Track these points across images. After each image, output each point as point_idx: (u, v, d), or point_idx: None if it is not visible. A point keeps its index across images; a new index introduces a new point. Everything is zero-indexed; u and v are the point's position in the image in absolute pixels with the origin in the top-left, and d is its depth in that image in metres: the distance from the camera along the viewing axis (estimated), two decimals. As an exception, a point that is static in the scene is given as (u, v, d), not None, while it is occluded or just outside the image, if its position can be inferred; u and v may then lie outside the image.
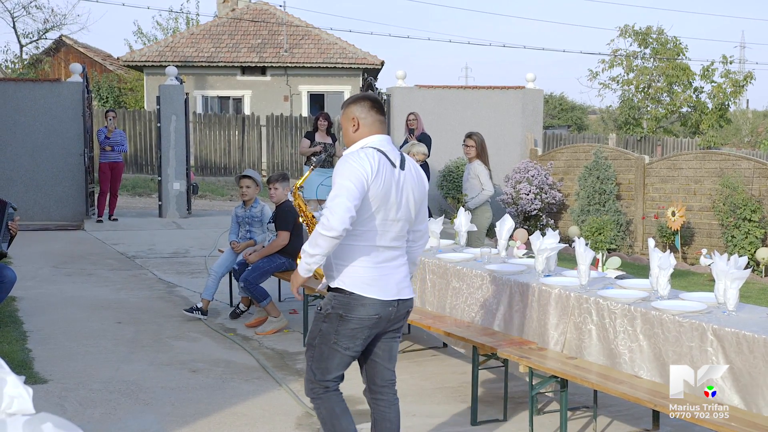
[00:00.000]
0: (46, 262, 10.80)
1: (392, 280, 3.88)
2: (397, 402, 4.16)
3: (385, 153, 3.85)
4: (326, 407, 3.98)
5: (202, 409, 5.41)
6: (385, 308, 3.83)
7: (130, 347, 6.89)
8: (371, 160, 3.76)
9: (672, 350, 4.32)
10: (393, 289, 3.87)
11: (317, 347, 3.92)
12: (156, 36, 35.79)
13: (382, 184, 3.77)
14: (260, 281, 7.56)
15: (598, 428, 5.10)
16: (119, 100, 31.16)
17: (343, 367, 3.96)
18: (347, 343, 3.86)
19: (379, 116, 3.97)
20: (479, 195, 8.93)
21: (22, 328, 7.35)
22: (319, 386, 3.96)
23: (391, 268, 3.88)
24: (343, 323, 3.82)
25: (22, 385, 2.19)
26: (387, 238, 3.85)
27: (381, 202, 3.78)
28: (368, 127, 3.93)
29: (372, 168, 3.74)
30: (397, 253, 3.93)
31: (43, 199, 14.55)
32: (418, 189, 3.99)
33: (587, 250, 5.06)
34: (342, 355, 3.89)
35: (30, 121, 14.54)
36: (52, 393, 5.57)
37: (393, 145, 3.96)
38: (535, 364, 4.85)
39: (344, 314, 3.81)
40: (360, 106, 3.95)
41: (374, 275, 3.82)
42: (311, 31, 27.98)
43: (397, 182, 3.85)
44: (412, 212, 3.96)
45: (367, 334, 3.87)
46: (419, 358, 6.85)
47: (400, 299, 3.90)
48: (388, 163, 3.84)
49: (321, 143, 11.58)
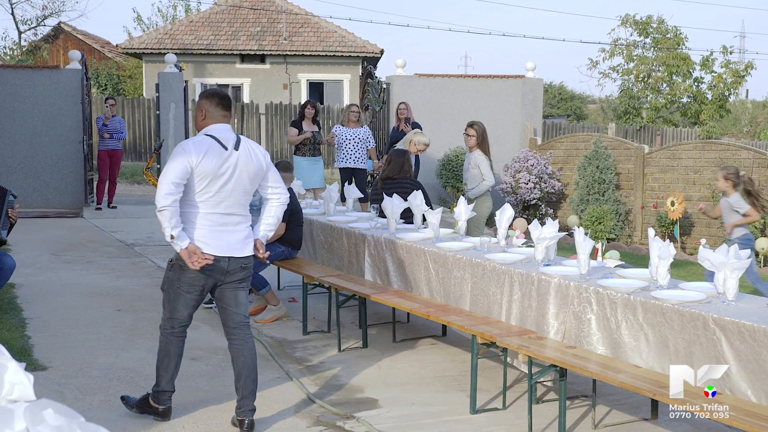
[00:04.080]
0: (45, 249, 10.80)
1: (224, 240, 4.71)
2: (250, 340, 4.96)
3: (217, 138, 4.68)
4: (165, 343, 4.90)
5: (201, 396, 5.42)
6: (216, 262, 4.67)
7: (129, 335, 6.89)
8: (198, 146, 4.62)
9: (681, 338, 4.31)
10: (225, 248, 4.71)
11: (167, 291, 4.87)
12: (155, 23, 35.66)
13: (210, 165, 4.59)
14: (259, 269, 7.55)
15: (597, 417, 5.11)
16: (118, 88, 31.09)
17: (188, 308, 4.84)
18: (187, 288, 4.76)
19: (223, 111, 4.82)
20: (479, 185, 8.90)
21: (22, 315, 7.35)
22: (167, 324, 4.89)
23: (224, 231, 4.72)
24: (182, 272, 4.72)
25: (22, 372, 2.19)
26: (221, 207, 4.70)
27: (211, 179, 4.61)
28: (212, 118, 4.79)
29: (197, 153, 4.57)
30: (234, 219, 4.78)
31: (42, 187, 14.54)
32: (253, 164, 4.80)
33: (587, 240, 5.06)
34: (185, 298, 4.80)
35: (29, 109, 14.51)
36: (51, 380, 5.58)
37: (231, 132, 4.79)
38: (534, 353, 4.85)
39: (183, 265, 4.67)
40: (210, 100, 4.81)
41: (206, 235, 4.66)
42: (311, 19, 27.90)
43: (228, 161, 4.66)
44: (249, 185, 4.82)
45: (203, 282, 4.76)
46: (418, 346, 6.86)
47: (231, 256, 4.74)
48: (219, 146, 4.66)
49: (310, 131, 11.59)
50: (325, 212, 8.26)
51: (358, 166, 11.49)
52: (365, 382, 5.86)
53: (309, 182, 11.39)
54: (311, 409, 5.27)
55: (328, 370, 6.16)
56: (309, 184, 11.36)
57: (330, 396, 5.54)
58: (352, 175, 11.43)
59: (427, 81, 15.91)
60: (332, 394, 5.58)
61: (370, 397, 5.54)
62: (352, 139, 11.45)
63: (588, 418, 5.14)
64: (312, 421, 5.07)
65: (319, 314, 7.58)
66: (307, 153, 11.65)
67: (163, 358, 4.90)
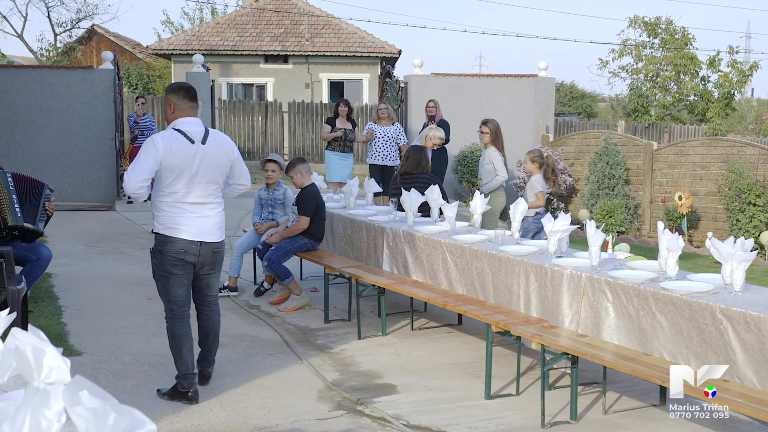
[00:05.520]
0: (79, 240, 10.87)
1: (195, 226, 4.92)
2: (216, 315, 5.32)
3: (184, 133, 4.84)
4: (170, 327, 5.08)
5: (228, 381, 5.44)
6: (189, 245, 4.91)
7: (159, 322, 6.90)
8: (165, 141, 4.77)
9: (692, 326, 4.28)
10: (195, 232, 4.92)
11: (158, 278, 5.08)
12: (183, 25, 35.75)
13: (176, 158, 4.77)
14: (283, 261, 7.57)
15: (607, 403, 5.08)
16: (148, 87, 31.19)
17: (181, 287, 5.04)
18: (171, 269, 4.97)
19: (190, 103, 4.93)
20: (492, 180, 8.89)
21: (58, 303, 7.41)
22: (168, 311, 5.08)
23: (195, 218, 4.92)
24: (162, 255, 4.96)
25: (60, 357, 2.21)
26: (191, 197, 4.88)
27: (179, 171, 4.80)
28: (181, 110, 4.90)
29: (165, 147, 4.75)
30: (205, 207, 4.96)
31: (77, 181, 14.63)
32: (222, 156, 4.99)
33: (598, 232, 5.04)
34: (173, 278, 4.99)
35: (64, 107, 14.60)
36: (86, 365, 5.62)
37: (199, 126, 4.95)
38: (547, 342, 4.84)
39: (161, 249, 4.96)
40: (176, 94, 4.90)
41: (178, 222, 4.88)
42: (331, 20, 27.87)
43: (194, 155, 4.83)
44: (218, 175, 5.00)
45: (182, 262, 4.97)
46: (435, 335, 6.85)
47: (202, 241, 4.95)
48: (186, 140, 4.82)
49: (341, 129, 11.56)
50: (346, 206, 8.26)
51: (386, 164, 11.41)
52: (384, 369, 5.86)
53: (336, 176, 11.44)
54: (332, 395, 5.27)
55: (349, 357, 6.16)
56: (336, 178, 11.41)
57: (350, 382, 5.54)
58: (382, 172, 11.36)
59: (443, 80, 15.86)
60: (353, 380, 5.58)
61: (388, 383, 5.54)
62: (382, 137, 11.40)
63: (598, 404, 5.12)
64: (333, 405, 5.08)
65: (340, 303, 7.58)
66: (337, 149, 11.63)
67: (173, 343, 5.08)
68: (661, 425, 4.77)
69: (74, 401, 1.73)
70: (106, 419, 1.72)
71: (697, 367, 4.15)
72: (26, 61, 30.41)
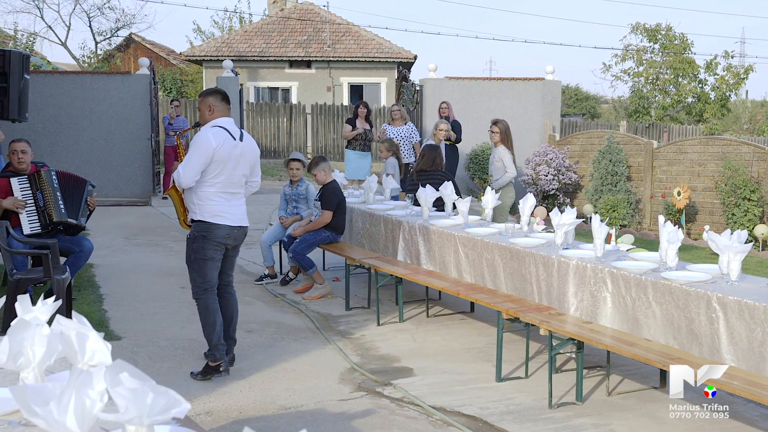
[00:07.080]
0: (118, 233, 10.93)
1: (235, 213, 5.13)
2: (234, 295, 5.45)
3: (228, 130, 5.04)
4: (203, 303, 5.15)
5: (256, 364, 5.46)
6: (232, 230, 5.11)
7: (192, 309, 6.92)
8: (217, 136, 4.95)
9: (684, 316, 4.25)
10: (236, 218, 5.13)
11: (195, 262, 5.12)
12: (213, 33, 35.77)
13: (225, 152, 4.97)
14: (307, 252, 7.58)
15: (611, 385, 5.06)
16: (181, 91, 31.29)
17: (215, 270, 5.17)
18: (212, 254, 5.11)
19: (226, 105, 5.13)
20: (502, 177, 8.86)
21: (99, 292, 7.45)
22: (200, 288, 5.15)
23: (233, 206, 5.13)
24: (206, 241, 5.05)
25: (101, 341, 2.23)
26: (231, 187, 5.09)
27: (225, 163, 4.99)
28: (219, 111, 5.08)
29: (217, 142, 4.93)
30: (238, 195, 5.17)
31: (116, 179, 14.71)
32: (252, 154, 5.22)
33: (602, 226, 5.01)
34: (212, 262, 5.12)
35: (104, 110, 14.68)
36: (125, 348, 5.65)
37: (235, 125, 5.15)
38: (554, 328, 4.81)
39: (206, 235, 5.04)
40: (214, 97, 5.09)
41: (224, 209, 5.07)
42: (352, 28, 27.85)
43: (235, 149, 5.04)
44: (248, 169, 5.19)
45: (223, 247, 5.15)
46: (449, 321, 6.84)
47: (240, 225, 5.17)
48: (230, 137, 5.02)
49: (362, 128, 11.59)
50: (365, 201, 8.26)
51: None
52: (401, 353, 5.86)
53: (356, 173, 11.45)
54: (353, 377, 5.28)
55: (369, 342, 6.16)
56: (356, 175, 11.41)
57: (370, 365, 5.54)
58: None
59: (456, 83, 15.81)
60: (372, 364, 5.58)
61: (406, 366, 5.54)
62: (395, 137, 11.40)
63: (602, 386, 5.09)
64: (354, 387, 5.08)
65: (360, 292, 7.59)
66: (357, 147, 11.65)
67: (206, 316, 5.15)
68: (662, 406, 4.74)
69: (115, 382, 1.75)
70: (145, 399, 1.73)
71: (679, 354, 4.10)
72: (69, 67, 30.53)
